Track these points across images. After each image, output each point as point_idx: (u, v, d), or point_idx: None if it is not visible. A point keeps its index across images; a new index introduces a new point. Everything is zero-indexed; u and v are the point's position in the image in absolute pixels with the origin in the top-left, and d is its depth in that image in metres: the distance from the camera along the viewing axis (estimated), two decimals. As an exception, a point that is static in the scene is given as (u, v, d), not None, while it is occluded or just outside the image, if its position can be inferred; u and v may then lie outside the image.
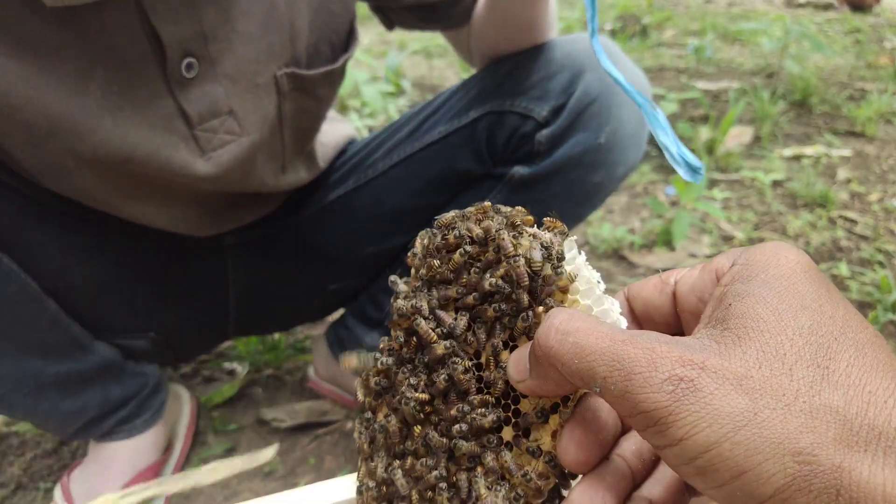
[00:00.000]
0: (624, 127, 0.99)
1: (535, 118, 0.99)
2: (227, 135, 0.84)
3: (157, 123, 0.79)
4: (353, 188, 1.11)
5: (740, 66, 3.31)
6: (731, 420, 0.30)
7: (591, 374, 0.34)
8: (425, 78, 3.09)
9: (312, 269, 1.15)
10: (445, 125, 1.06)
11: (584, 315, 0.37)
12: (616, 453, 0.41)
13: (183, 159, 0.82)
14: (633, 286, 0.46)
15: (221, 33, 0.78)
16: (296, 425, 1.26)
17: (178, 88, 0.78)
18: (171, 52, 0.75)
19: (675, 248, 1.77)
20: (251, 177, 0.92)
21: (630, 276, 1.67)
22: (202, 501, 1.12)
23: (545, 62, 1.00)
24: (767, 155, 2.31)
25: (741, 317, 0.33)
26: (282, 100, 0.88)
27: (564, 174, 1.00)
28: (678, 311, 0.43)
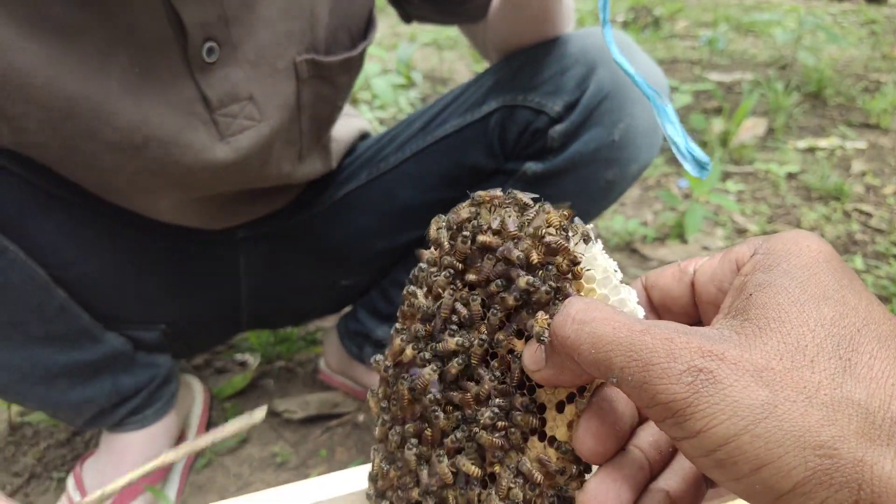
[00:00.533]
0: (637, 124, 0.98)
1: (547, 113, 0.98)
2: (246, 120, 0.84)
3: (177, 106, 0.79)
4: (364, 183, 1.10)
5: (754, 58, 3.28)
6: (750, 412, 0.29)
7: (608, 364, 0.34)
8: (436, 70, 3.08)
9: (324, 264, 1.15)
10: (457, 119, 1.05)
11: (600, 304, 0.37)
12: (633, 444, 0.41)
13: (202, 143, 0.82)
14: (650, 275, 0.45)
15: (243, 17, 0.78)
16: (307, 417, 1.26)
17: (199, 72, 0.78)
18: (192, 35, 0.75)
19: (687, 241, 1.76)
20: (269, 165, 0.92)
21: (642, 269, 1.66)
22: (216, 491, 1.12)
23: (558, 56, 0.99)
24: (781, 147, 2.29)
25: (762, 307, 0.33)
26: (301, 86, 0.88)
27: (577, 171, 0.99)
28: (697, 300, 0.42)
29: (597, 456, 0.40)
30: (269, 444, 1.21)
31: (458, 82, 3.11)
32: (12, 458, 1.18)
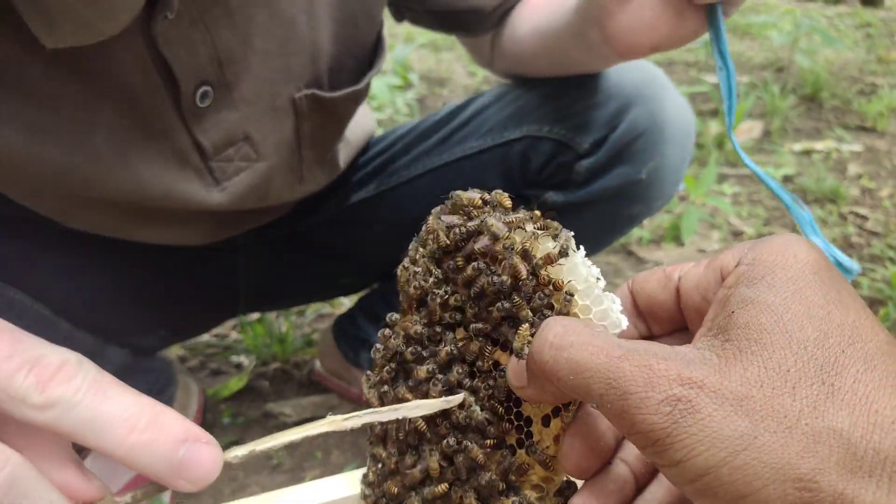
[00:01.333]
0: (667, 163, 0.95)
1: (574, 149, 0.95)
2: (242, 161, 0.81)
3: (170, 158, 0.75)
4: (374, 194, 1.07)
5: (750, 60, 3.29)
6: (730, 443, 0.29)
7: (587, 390, 0.33)
8: (433, 71, 3.07)
9: (326, 267, 1.13)
10: (477, 141, 1.01)
11: (579, 327, 0.36)
12: (619, 457, 0.41)
13: (197, 192, 0.79)
14: (637, 278, 0.44)
15: (238, 54, 0.73)
16: (302, 419, 1.25)
17: (193, 119, 0.74)
18: (184, 83, 0.71)
19: (683, 243, 1.76)
20: (268, 197, 0.89)
21: (638, 272, 1.66)
22: (210, 493, 1.12)
23: (591, 90, 0.95)
24: (777, 150, 2.29)
25: (744, 327, 0.32)
26: (300, 121, 0.84)
27: (600, 205, 0.96)
28: (682, 307, 0.41)
29: (582, 472, 0.40)
30: (264, 447, 1.21)
31: (455, 83, 3.12)
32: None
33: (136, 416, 0.30)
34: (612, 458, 0.41)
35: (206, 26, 0.69)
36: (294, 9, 0.76)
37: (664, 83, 0.97)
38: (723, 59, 0.67)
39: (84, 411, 0.29)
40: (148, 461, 0.30)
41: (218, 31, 0.71)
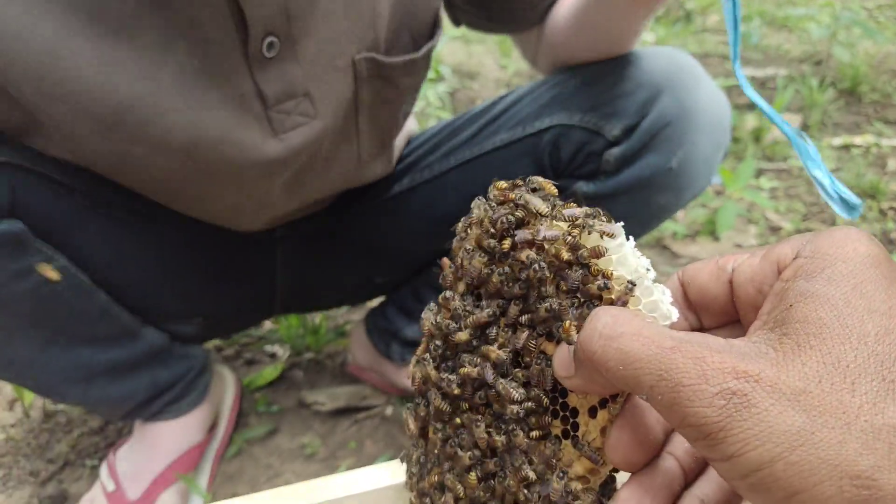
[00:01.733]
0: (698, 152, 0.95)
1: (605, 136, 0.95)
2: (300, 116, 0.82)
3: (231, 102, 0.77)
4: (407, 188, 1.08)
5: (787, 53, 3.22)
6: (786, 439, 0.28)
7: (637, 382, 0.33)
8: (464, 64, 3.06)
9: (360, 263, 1.14)
10: (508, 133, 1.02)
11: (629, 317, 0.35)
12: (667, 451, 0.40)
13: (253, 140, 0.80)
14: (688, 269, 0.44)
15: (305, 12, 0.76)
16: (336, 409, 1.26)
17: (258, 67, 0.77)
18: (253, 30, 0.73)
19: (719, 238, 1.73)
20: (328, 167, 0.90)
21: (672, 266, 1.64)
22: (246, 481, 1.13)
23: (621, 78, 0.95)
24: (816, 144, 2.25)
25: (802, 321, 0.31)
26: (359, 85, 0.86)
27: (629, 194, 0.96)
28: (735, 300, 0.41)
29: (630, 465, 0.40)
30: (298, 436, 1.22)
31: (486, 77, 3.10)
32: (46, 446, 1.20)
33: None
34: (660, 451, 0.41)
35: None
36: None
37: (697, 72, 0.96)
38: None
39: None
40: None
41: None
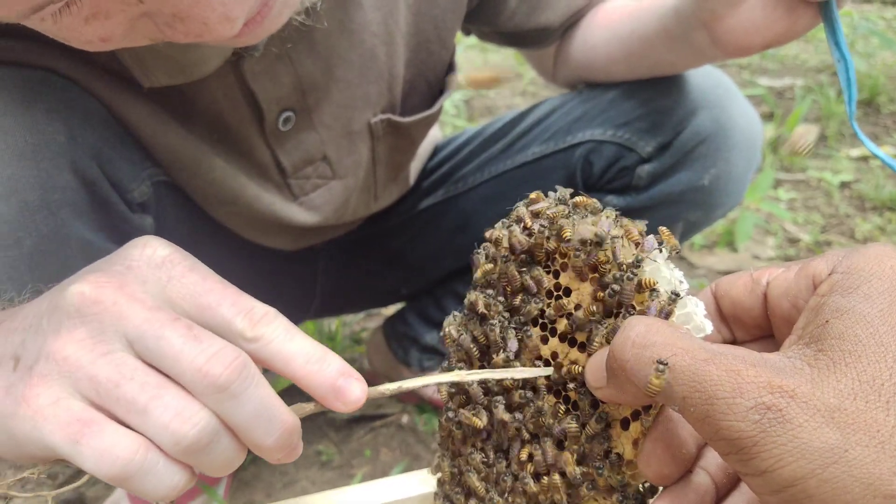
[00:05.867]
0: (731, 170, 0.94)
1: (637, 152, 0.94)
2: (319, 179, 0.85)
3: (254, 171, 0.80)
4: (442, 200, 1.09)
5: (805, 63, 3.21)
6: (819, 456, 0.28)
7: (670, 393, 0.33)
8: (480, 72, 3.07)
9: (392, 274, 1.16)
10: (540, 146, 1.01)
11: (662, 327, 0.35)
12: (700, 465, 0.40)
13: (279, 204, 0.84)
14: (721, 282, 0.44)
15: (320, 82, 0.77)
16: (352, 417, 1.26)
17: (275, 141, 0.78)
18: (268, 111, 0.75)
19: (737, 249, 1.72)
20: (345, 213, 0.92)
21: (690, 278, 1.63)
22: (262, 488, 1.13)
23: (656, 94, 0.94)
24: (834, 155, 2.23)
25: (838, 337, 0.31)
26: (375, 144, 0.87)
27: (659, 210, 0.96)
28: (769, 314, 0.41)
29: (662, 479, 0.40)
30: (313, 443, 1.22)
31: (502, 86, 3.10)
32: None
33: (311, 354, 0.40)
34: (693, 465, 0.40)
35: (291, 59, 0.73)
36: (375, 40, 0.78)
37: (731, 89, 0.95)
38: (840, 52, 0.66)
39: (277, 345, 0.40)
40: (316, 384, 0.40)
41: (301, 62, 0.74)
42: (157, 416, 0.37)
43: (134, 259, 0.41)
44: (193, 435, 0.37)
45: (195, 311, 0.40)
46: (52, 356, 0.38)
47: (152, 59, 0.65)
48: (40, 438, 0.37)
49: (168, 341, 0.38)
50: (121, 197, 0.69)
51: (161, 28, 0.47)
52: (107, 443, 0.37)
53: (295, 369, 0.40)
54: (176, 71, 0.67)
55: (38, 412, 0.37)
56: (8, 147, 0.59)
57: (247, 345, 0.39)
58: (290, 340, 0.40)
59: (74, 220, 0.63)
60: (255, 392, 0.38)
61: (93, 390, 0.38)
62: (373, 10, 0.76)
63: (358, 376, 0.41)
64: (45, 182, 0.61)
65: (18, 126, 0.59)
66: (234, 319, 0.40)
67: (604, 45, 0.94)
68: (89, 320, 0.38)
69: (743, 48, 0.73)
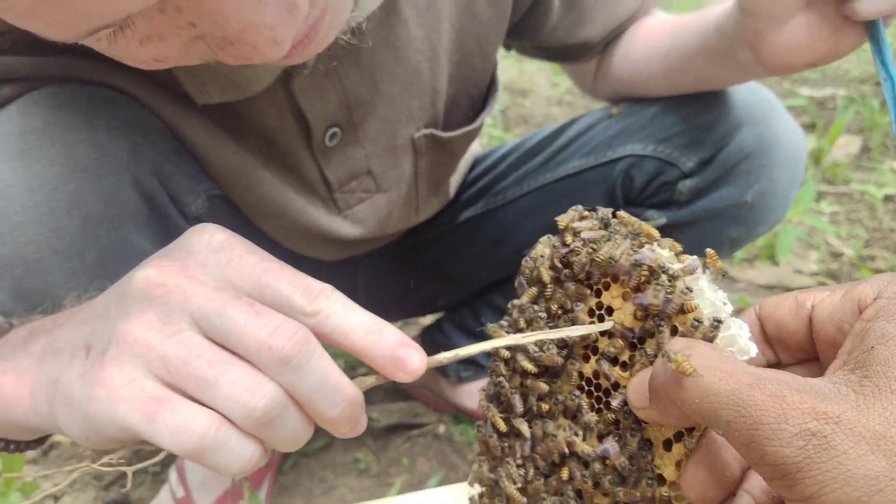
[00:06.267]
0: (774, 186, 0.93)
1: (679, 167, 0.94)
2: (363, 193, 0.87)
3: (301, 185, 0.82)
4: (481, 212, 1.10)
5: (847, 73, 3.15)
6: (865, 483, 0.28)
7: (714, 416, 0.33)
8: (515, 81, 3.08)
9: (430, 286, 1.17)
10: (580, 160, 1.02)
11: (707, 350, 0.36)
12: (744, 488, 0.40)
13: (327, 220, 0.86)
14: (766, 304, 0.44)
15: (365, 98, 0.78)
16: (390, 425, 1.28)
17: (321, 157, 0.80)
18: (315, 127, 0.77)
19: (779, 263, 1.70)
20: (388, 226, 0.94)
21: (731, 291, 1.61)
22: (301, 494, 1.15)
23: (698, 109, 0.94)
24: (877, 167, 2.19)
25: (884, 363, 0.31)
26: (418, 158, 0.88)
27: (700, 225, 0.95)
28: (814, 337, 0.40)
29: (705, 502, 0.40)
30: (351, 450, 1.24)
31: (538, 94, 3.11)
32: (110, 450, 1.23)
33: (371, 325, 0.41)
34: (736, 488, 0.41)
35: (338, 76, 0.74)
36: (419, 56, 0.79)
37: (775, 104, 0.94)
38: (886, 71, 0.65)
39: (337, 319, 0.41)
40: (376, 355, 0.41)
41: (348, 78, 0.75)
42: (227, 390, 0.39)
43: (194, 245, 0.43)
44: (263, 407, 0.39)
45: (255, 289, 0.42)
46: (122, 339, 0.40)
47: (207, 77, 0.68)
48: (117, 419, 0.39)
49: (232, 318, 0.39)
50: (178, 210, 0.72)
51: (213, 50, 0.48)
52: (182, 419, 0.38)
53: (355, 341, 0.41)
54: (229, 88, 0.69)
55: (114, 393, 0.39)
56: (72, 162, 0.61)
57: (307, 319, 0.41)
58: (348, 313, 0.41)
59: (135, 233, 0.66)
60: (317, 364, 0.40)
61: (164, 369, 0.39)
62: (417, 27, 0.78)
63: (417, 346, 0.42)
64: (108, 196, 0.63)
65: (82, 142, 0.62)
66: (294, 296, 0.41)
67: (645, 61, 0.95)
68: (156, 303, 0.40)
69: (786, 66, 0.73)
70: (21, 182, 0.60)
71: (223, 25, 0.44)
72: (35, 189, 0.60)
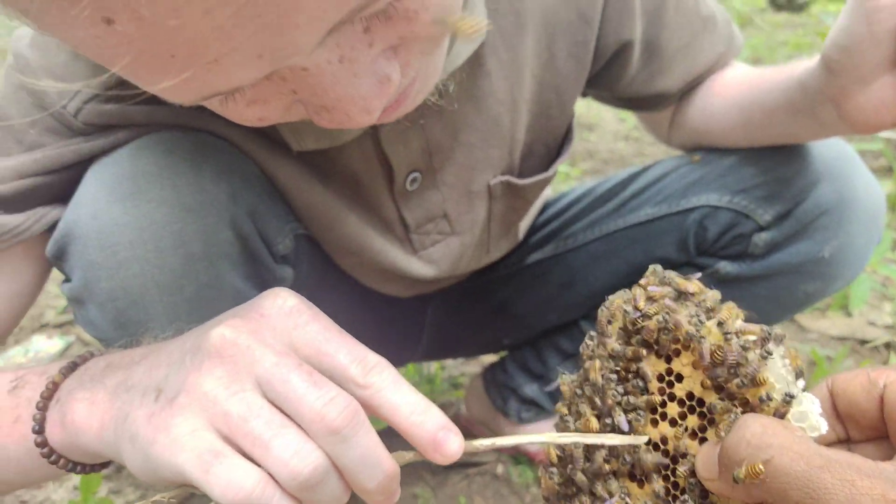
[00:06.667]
0: (852, 243, 0.92)
1: (755, 220, 0.93)
2: (438, 235, 0.90)
3: (380, 225, 0.86)
4: (551, 255, 1.11)
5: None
6: None
7: (783, 496, 0.33)
8: (582, 116, 3.08)
9: (497, 324, 1.18)
10: (653, 208, 1.02)
11: (779, 429, 0.36)
12: None
13: (402, 260, 0.89)
14: (837, 380, 0.44)
15: (446, 146, 0.81)
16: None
17: (401, 199, 0.84)
18: (398, 173, 0.80)
19: (851, 314, 1.65)
20: (459, 267, 0.97)
21: (801, 342, 1.57)
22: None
23: (777, 162, 0.93)
24: (961, 215, 2.10)
25: None
26: (492, 203, 0.91)
27: (775, 279, 0.94)
28: (886, 418, 0.41)
29: None
30: (410, 485, 1.25)
31: (604, 129, 3.10)
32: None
33: (416, 405, 0.44)
34: None
35: (422, 125, 0.78)
36: (500, 107, 0.81)
37: (854, 160, 0.93)
38: None
39: (386, 394, 0.44)
40: (417, 435, 0.44)
41: (431, 128, 0.79)
42: (279, 452, 0.42)
43: (266, 308, 0.47)
44: (308, 472, 0.42)
45: (315, 356, 0.45)
46: (192, 390, 0.44)
47: (304, 127, 0.72)
48: (175, 465, 0.43)
49: (292, 385, 0.43)
50: (268, 249, 0.76)
51: (310, 113, 0.52)
52: (234, 475, 0.42)
53: (400, 419, 0.44)
54: (323, 137, 0.73)
55: (176, 441, 0.43)
56: (178, 204, 0.66)
57: (359, 390, 0.44)
58: (397, 390, 0.44)
59: (229, 271, 0.70)
60: (363, 438, 0.43)
61: (224, 424, 0.43)
62: (500, 80, 0.80)
63: (456, 431, 0.45)
64: (208, 236, 0.67)
65: (189, 185, 0.67)
66: (350, 366, 0.44)
67: (723, 114, 0.94)
68: (227, 361, 0.44)
69: (872, 126, 0.72)
70: (131, 221, 0.65)
71: (321, 95, 0.48)
72: (143, 228, 0.65)
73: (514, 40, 0.79)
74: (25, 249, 0.72)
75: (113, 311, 0.66)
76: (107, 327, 0.67)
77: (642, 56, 0.90)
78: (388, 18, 0.45)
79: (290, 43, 0.41)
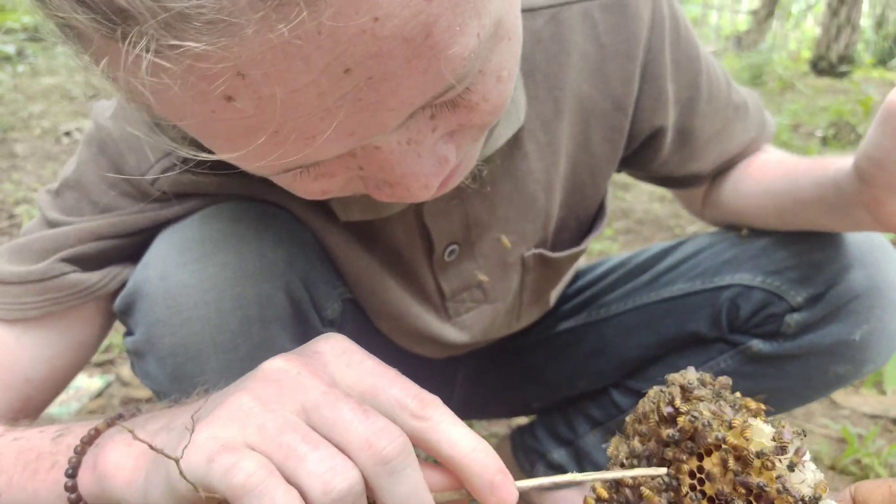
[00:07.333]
0: (884, 329, 0.94)
1: (787, 301, 0.95)
2: (472, 303, 0.93)
3: (418, 293, 0.90)
4: (582, 324, 1.14)
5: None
6: None
7: None
8: (618, 176, 3.09)
9: (526, 388, 1.20)
10: (686, 283, 1.04)
11: None
12: None
13: (437, 325, 0.93)
14: (861, 488, 0.46)
15: (483, 220, 0.85)
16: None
17: (439, 270, 0.88)
18: (438, 244, 0.84)
19: (885, 392, 1.63)
20: (490, 333, 1.00)
21: (832, 419, 1.56)
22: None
23: (809, 247, 0.95)
24: None
25: None
26: (525, 274, 0.94)
27: (806, 359, 0.96)
28: None
29: None
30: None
31: (639, 188, 3.13)
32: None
33: (476, 443, 0.43)
34: None
35: (462, 200, 0.82)
36: (536, 186, 0.86)
37: (888, 249, 0.95)
38: None
39: (446, 428, 0.43)
40: (476, 473, 0.43)
41: (471, 202, 0.83)
42: (314, 465, 0.40)
43: (321, 347, 0.48)
44: (343, 488, 0.40)
45: (369, 391, 0.45)
46: (228, 404, 0.44)
47: (352, 200, 0.77)
48: (186, 469, 0.41)
49: (341, 412, 0.42)
50: (317, 314, 0.80)
51: (369, 188, 0.56)
52: (236, 459, 0.40)
53: (460, 454, 0.42)
54: (369, 209, 0.78)
55: (193, 444, 0.41)
56: (240, 269, 0.71)
57: (416, 422, 0.43)
58: (456, 426, 0.43)
59: (281, 333, 0.74)
60: (412, 474, 0.41)
61: (256, 435, 0.42)
62: (537, 161, 0.85)
63: (511, 477, 0.44)
64: (264, 300, 0.72)
65: (251, 252, 0.72)
66: (405, 399, 0.44)
67: (755, 198, 0.97)
68: (272, 384, 0.45)
69: None
70: (196, 283, 0.69)
71: (388, 171, 0.52)
72: (207, 290, 0.70)
73: (551, 125, 0.84)
74: (96, 303, 0.77)
75: (172, 365, 0.71)
76: (163, 380, 0.72)
77: (675, 141, 0.94)
78: (454, 107, 0.50)
79: (380, 124, 0.45)
